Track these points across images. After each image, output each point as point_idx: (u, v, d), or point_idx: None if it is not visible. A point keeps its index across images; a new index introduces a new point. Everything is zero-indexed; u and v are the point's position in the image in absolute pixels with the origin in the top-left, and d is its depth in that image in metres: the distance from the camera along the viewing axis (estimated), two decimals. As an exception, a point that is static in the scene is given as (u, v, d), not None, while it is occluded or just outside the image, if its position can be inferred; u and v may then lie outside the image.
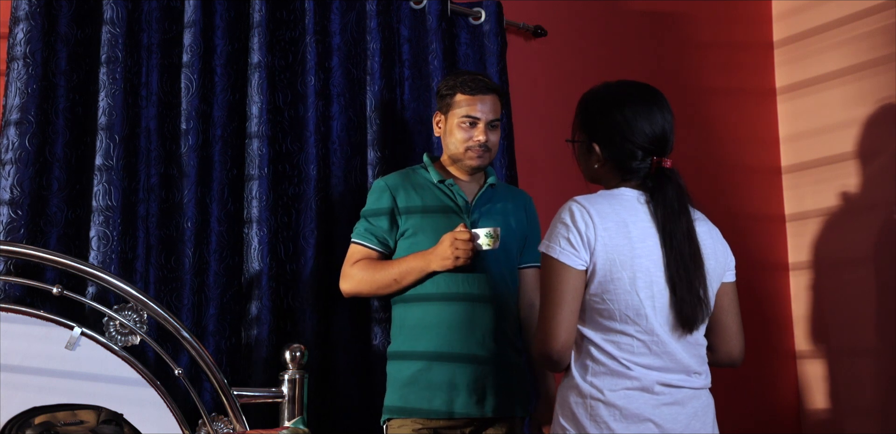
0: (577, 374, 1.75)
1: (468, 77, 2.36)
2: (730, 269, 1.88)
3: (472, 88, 2.33)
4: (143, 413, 2.10)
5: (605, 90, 1.87)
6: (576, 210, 1.75)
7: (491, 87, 2.36)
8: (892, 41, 3.34)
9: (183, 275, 2.35)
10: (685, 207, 1.78)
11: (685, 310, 1.74)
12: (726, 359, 1.88)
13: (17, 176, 2.15)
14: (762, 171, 3.70)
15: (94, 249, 2.19)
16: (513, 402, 2.29)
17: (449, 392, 2.22)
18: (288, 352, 2.31)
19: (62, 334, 2.08)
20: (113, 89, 2.26)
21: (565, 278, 1.72)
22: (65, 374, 2.06)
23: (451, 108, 2.36)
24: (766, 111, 3.77)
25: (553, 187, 3.11)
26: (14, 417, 1.94)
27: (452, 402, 2.22)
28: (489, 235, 2.18)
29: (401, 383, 2.27)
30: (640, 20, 3.49)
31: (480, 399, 2.23)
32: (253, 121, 2.48)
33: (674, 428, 1.72)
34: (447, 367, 2.23)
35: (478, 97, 2.33)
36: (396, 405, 2.26)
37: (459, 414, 2.22)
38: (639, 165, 1.80)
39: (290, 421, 2.27)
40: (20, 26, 2.21)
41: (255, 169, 2.46)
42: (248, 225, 2.45)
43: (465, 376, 2.23)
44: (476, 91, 2.33)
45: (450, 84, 2.37)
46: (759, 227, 3.61)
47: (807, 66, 3.68)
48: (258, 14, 2.52)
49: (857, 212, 3.41)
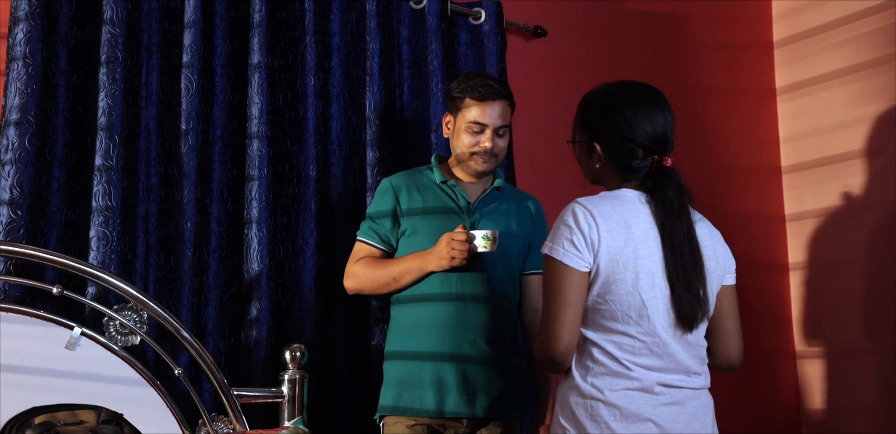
0: (578, 375, 1.75)
1: (479, 81, 2.34)
2: (730, 272, 1.88)
3: (482, 94, 2.31)
4: (143, 413, 2.10)
5: (606, 90, 1.88)
6: (579, 212, 1.75)
7: (501, 93, 2.34)
8: (892, 41, 3.34)
9: (182, 275, 2.35)
10: (685, 207, 1.78)
11: (684, 308, 1.74)
12: (725, 363, 1.88)
13: (17, 176, 2.15)
14: (762, 171, 3.70)
15: (93, 249, 2.19)
16: (508, 404, 2.28)
17: (439, 391, 2.22)
18: (288, 352, 2.31)
19: (62, 334, 2.09)
20: (113, 89, 2.26)
21: (569, 280, 1.72)
22: (65, 374, 2.06)
23: (460, 110, 2.35)
24: (766, 111, 3.77)
25: (553, 187, 3.11)
26: (14, 417, 1.94)
27: (443, 402, 2.22)
28: (486, 238, 2.17)
29: (394, 382, 2.28)
30: (640, 20, 3.49)
31: (471, 398, 2.23)
32: (253, 121, 2.48)
33: (674, 428, 1.72)
34: (438, 366, 2.23)
35: (487, 103, 2.31)
36: (389, 404, 2.27)
37: (450, 413, 2.22)
38: (640, 164, 1.81)
39: (290, 421, 2.27)
40: (20, 26, 2.21)
41: (255, 169, 2.46)
42: (248, 225, 2.45)
43: (455, 376, 2.23)
44: (486, 97, 2.31)
45: (461, 87, 2.36)
46: (759, 227, 3.60)
47: (807, 66, 3.68)
48: (258, 14, 2.52)
49: (857, 212, 3.41)
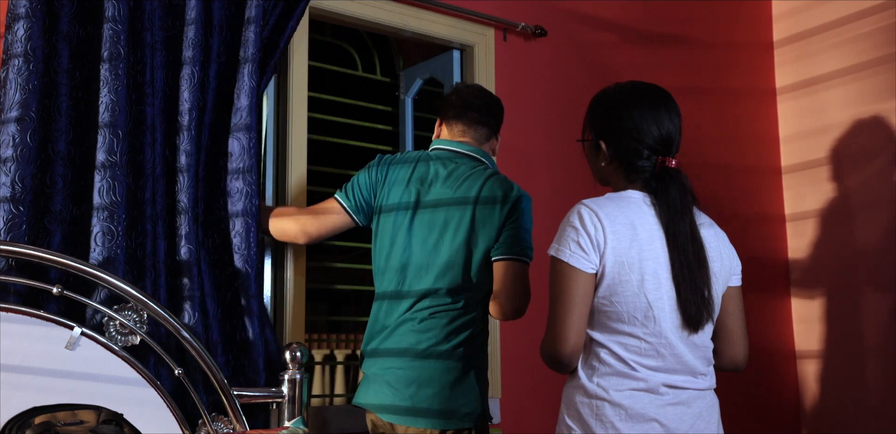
0: (584, 375, 1.75)
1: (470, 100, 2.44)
2: (735, 274, 1.87)
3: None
4: (143, 413, 2.09)
5: (615, 90, 1.89)
6: (584, 213, 1.75)
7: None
8: (892, 41, 3.34)
9: (190, 271, 2.33)
10: (688, 207, 1.79)
11: (689, 309, 1.74)
12: (730, 364, 1.88)
13: (18, 172, 2.14)
14: (762, 171, 3.71)
15: (98, 245, 2.17)
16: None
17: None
18: (288, 352, 2.31)
19: (62, 334, 2.08)
20: (116, 85, 2.24)
21: (575, 282, 1.72)
22: (65, 374, 2.05)
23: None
24: (766, 111, 3.78)
25: (552, 187, 3.11)
26: (14, 417, 1.93)
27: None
28: None
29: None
30: (640, 20, 3.49)
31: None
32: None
33: (679, 428, 1.72)
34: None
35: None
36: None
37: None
38: (644, 164, 1.81)
39: (290, 421, 2.27)
40: (20, 23, 2.19)
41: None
42: (250, 222, 2.44)
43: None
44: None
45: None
46: (759, 227, 3.61)
47: (807, 66, 3.69)
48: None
49: (857, 212, 3.41)
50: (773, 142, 3.76)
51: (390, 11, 2.92)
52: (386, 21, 2.91)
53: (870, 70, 3.43)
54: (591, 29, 3.36)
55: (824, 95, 3.61)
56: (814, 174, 3.62)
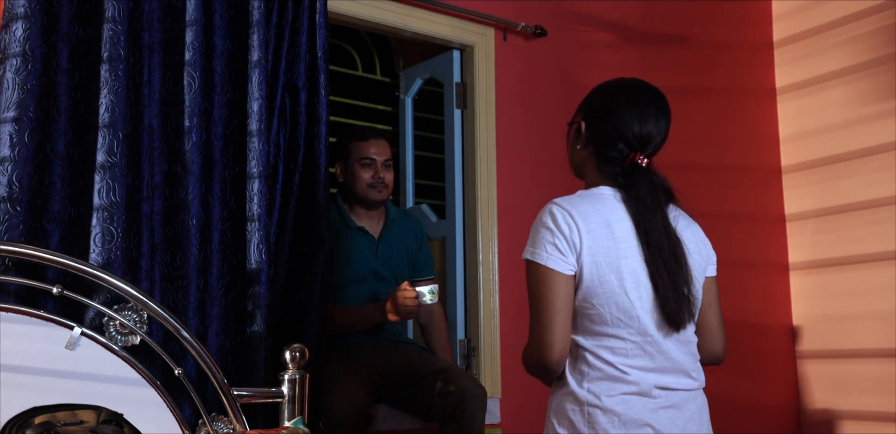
0: (574, 381, 1.70)
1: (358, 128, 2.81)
2: (711, 264, 1.84)
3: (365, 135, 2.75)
4: (143, 413, 2.09)
5: (616, 82, 1.88)
6: (557, 212, 1.71)
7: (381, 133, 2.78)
8: (892, 41, 3.34)
9: (189, 273, 2.34)
10: (658, 203, 1.73)
11: (670, 308, 1.69)
12: (710, 356, 1.84)
13: (16, 172, 2.13)
14: (762, 171, 3.71)
15: (97, 246, 2.17)
16: None
17: None
18: (288, 352, 2.30)
19: (62, 334, 2.08)
20: (115, 86, 2.24)
21: (556, 285, 1.67)
22: (65, 374, 2.05)
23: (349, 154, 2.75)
24: (766, 111, 3.77)
25: (548, 186, 3.11)
26: (14, 417, 1.93)
27: None
28: (432, 292, 2.60)
29: None
30: (640, 20, 3.49)
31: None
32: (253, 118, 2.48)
33: (671, 432, 1.69)
34: None
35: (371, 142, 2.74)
36: None
37: None
38: (615, 155, 1.77)
39: (290, 421, 2.27)
40: (18, 23, 2.19)
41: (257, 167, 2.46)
42: (251, 223, 2.44)
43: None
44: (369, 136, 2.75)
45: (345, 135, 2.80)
46: (759, 227, 3.61)
47: (807, 66, 3.69)
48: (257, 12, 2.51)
49: (856, 212, 3.41)
50: (773, 142, 3.76)
51: (390, 11, 2.92)
52: (386, 21, 2.91)
53: (870, 70, 3.43)
54: (591, 29, 3.36)
55: (824, 95, 3.61)
56: (814, 174, 3.62)
